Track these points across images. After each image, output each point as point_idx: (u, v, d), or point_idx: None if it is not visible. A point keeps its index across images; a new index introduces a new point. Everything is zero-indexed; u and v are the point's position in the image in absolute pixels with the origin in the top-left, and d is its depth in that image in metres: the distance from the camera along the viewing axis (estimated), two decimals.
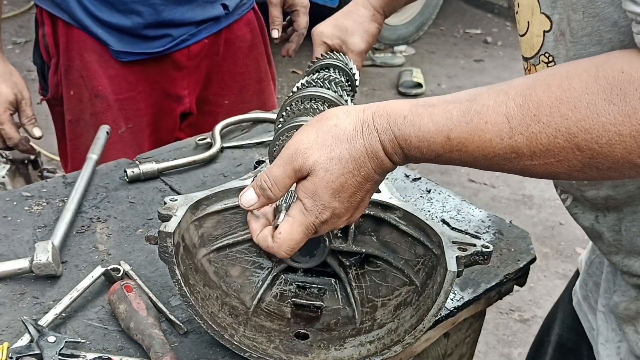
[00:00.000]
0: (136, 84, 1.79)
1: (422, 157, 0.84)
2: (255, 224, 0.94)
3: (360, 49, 1.40)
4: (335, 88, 1.18)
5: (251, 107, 1.97)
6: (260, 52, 2.02)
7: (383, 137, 0.83)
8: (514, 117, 0.76)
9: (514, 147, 0.76)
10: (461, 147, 0.80)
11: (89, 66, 1.73)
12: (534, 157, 0.76)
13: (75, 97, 1.77)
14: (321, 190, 0.85)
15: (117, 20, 1.69)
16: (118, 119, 1.79)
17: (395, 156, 0.84)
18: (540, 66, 0.99)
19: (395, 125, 0.82)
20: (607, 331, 1.22)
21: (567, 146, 0.74)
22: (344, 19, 1.42)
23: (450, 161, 0.83)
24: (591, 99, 0.72)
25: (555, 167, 0.77)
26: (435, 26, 6.53)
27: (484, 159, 0.80)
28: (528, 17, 0.98)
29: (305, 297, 1.15)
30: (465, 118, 0.79)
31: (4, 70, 1.65)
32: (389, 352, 1.05)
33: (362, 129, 0.84)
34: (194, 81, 1.89)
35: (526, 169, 0.79)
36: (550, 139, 0.74)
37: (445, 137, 0.80)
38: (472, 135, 0.78)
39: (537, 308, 3.18)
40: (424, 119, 0.81)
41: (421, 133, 0.81)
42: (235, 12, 1.89)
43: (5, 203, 1.43)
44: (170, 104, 1.87)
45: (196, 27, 1.79)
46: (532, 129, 0.75)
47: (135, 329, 1.07)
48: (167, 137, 1.92)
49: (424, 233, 1.06)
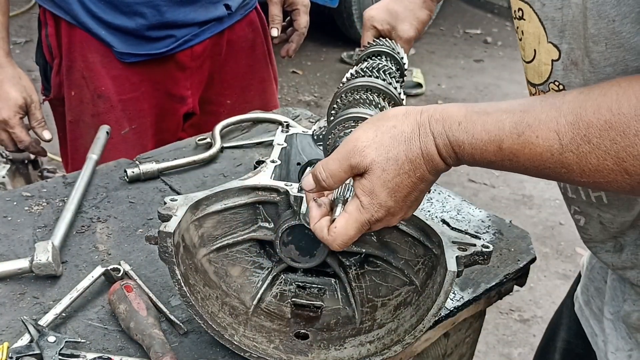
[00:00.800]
0: (139, 84, 1.79)
1: (475, 162, 0.85)
2: (315, 211, 0.96)
3: (410, 36, 1.38)
4: (385, 77, 1.17)
5: (253, 107, 1.97)
6: (262, 52, 2.03)
7: (438, 141, 0.85)
8: (564, 135, 0.76)
9: (564, 162, 0.77)
10: (512, 157, 0.81)
11: (91, 67, 1.74)
12: (583, 174, 0.77)
13: (76, 98, 1.77)
14: (378, 189, 0.87)
15: (120, 21, 1.69)
16: (121, 120, 1.79)
17: (449, 159, 0.86)
18: (549, 94, 0.98)
19: (450, 131, 0.84)
20: (617, 340, 1.22)
21: (616, 169, 0.74)
22: (395, 4, 1.39)
23: (502, 168, 0.84)
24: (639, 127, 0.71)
25: (605, 186, 0.78)
26: (435, 26, 6.53)
27: (535, 170, 0.81)
28: (534, 45, 0.97)
29: (305, 297, 1.15)
30: (517, 130, 0.79)
31: (12, 74, 1.66)
32: (389, 352, 1.05)
33: (419, 132, 0.85)
34: (197, 81, 1.89)
35: (578, 183, 0.81)
36: (600, 160, 0.74)
37: (497, 147, 0.81)
38: (523, 147, 0.79)
39: (537, 308, 3.18)
40: (477, 127, 0.82)
41: (474, 141, 0.82)
42: (237, 12, 1.90)
43: (5, 203, 1.43)
44: (173, 105, 1.87)
45: (199, 28, 1.79)
46: (582, 148, 0.75)
47: (135, 329, 1.07)
48: (170, 137, 1.92)
49: (424, 233, 1.06)
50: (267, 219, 1.13)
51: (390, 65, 1.26)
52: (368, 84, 1.14)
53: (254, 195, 1.11)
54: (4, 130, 1.67)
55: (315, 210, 0.96)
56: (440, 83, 5.58)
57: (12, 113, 1.63)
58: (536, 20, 0.93)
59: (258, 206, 1.13)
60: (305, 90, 5.20)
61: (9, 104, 1.63)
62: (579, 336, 1.39)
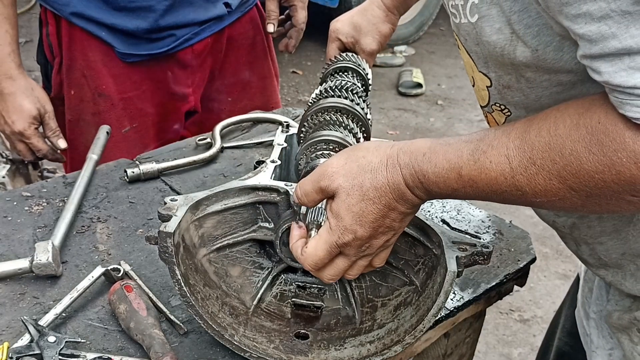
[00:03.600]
0: (141, 83, 1.79)
1: (441, 193, 0.89)
2: (295, 232, 1.01)
3: (372, 49, 1.42)
4: (351, 96, 1.22)
5: (254, 104, 1.97)
6: (262, 49, 2.03)
7: (404, 172, 0.89)
8: (513, 158, 0.80)
9: (517, 185, 0.81)
10: (472, 184, 0.85)
11: (92, 65, 1.74)
12: (536, 195, 0.80)
13: (76, 97, 1.78)
14: (343, 212, 0.91)
15: (120, 23, 1.69)
16: (122, 118, 1.79)
17: (416, 189, 0.89)
18: (495, 114, 1.03)
19: (416, 162, 0.88)
20: (599, 338, 1.24)
21: (562, 187, 0.78)
22: (359, 18, 1.43)
23: (467, 196, 0.88)
24: (574, 147, 0.75)
25: (560, 204, 0.81)
26: (435, 26, 6.53)
27: (495, 194, 0.85)
28: (471, 73, 1.02)
29: (305, 297, 1.15)
30: (474, 157, 0.84)
31: (25, 85, 1.67)
32: (389, 352, 1.05)
33: (387, 163, 0.90)
34: (199, 79, 1.89)
35: (536, 205, 0.84)
36: (547, 181, 0.78)
37: (457, 174, 0.85)
38: (480, 173, 0.83)
39: (537, 308, 3.18)
40: (439, 157, 0.87)
41: (437, 170, 0.87)
42: (238, 10, 1.90)
43: (5, 203, 1.43)
44: (175, 103, 1.88)
45: (199, 27, 1.80)
46: (529, 170, 0.79)
47: (136, 329, 1.07)
48: (173, 135, 1.92)
49: (424, 233, 1.06)
50: (267, 219, 1.13)
51: (356, 82, 1.31)
52: (336, 104, 1.19)
53: (254, 196, 1.11)
54: (21, 141, 1.70)
55: (296, 231, 1.01)
56: (440, 83, 5.58)
57: (26, 124, 1.66)
58: (465, 52, 0.97)
59: (258, 206, 1.13)
60: (305, 90, 5.20)
61: (23, 115, 1.65)
62: (570, 335, 1.40)
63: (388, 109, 5.01)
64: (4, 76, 1.63)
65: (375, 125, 4.60)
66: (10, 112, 1.65)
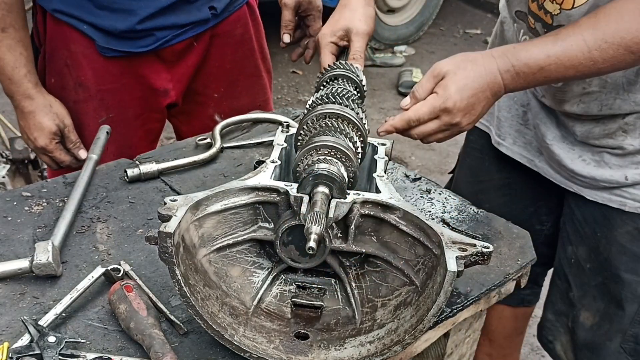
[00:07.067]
0: (120, 77, 1.80)
1: (529, 72, 1.25)
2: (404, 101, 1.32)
3: (364, 30, 1.46)
4: (346, 102, 1.25)
5: (241, 102, 1.97)
6: (251, 47, 2.00)
7: (499, 61, 1.27)
8: (589, 40, 1.22)
9: (591, 58, 1.23)
10: (557, 61, 1.24)
11: (74, 56, 1.76)
12: (604, 62, 1.24)
13: (57, 85, 1.80)
14: (450, 83, 1.25)
15: (99, 22, 1.70)
16: (98, 109, 1.81)
17: (506, 74, 1.26)
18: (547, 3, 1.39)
19: (508, 51, 1.28)
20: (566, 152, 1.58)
21: (625, 53, 1.23)
22: (339, 13, 1.48)
23: (549, 73, 1.26)
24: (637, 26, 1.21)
25: (618, 66, 1.27)
26: (435, 26, 6.53)
27: (572, 68, 1.24)
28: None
29: (305, 297, 1.15)
30: (556, 43, 1.25)
31: (44, 103, 1.72)
32: (389, 352, 1.05)
33: (484, 55, 1.28)
34: (179, 75, 1.88)
35: (599, 71, 1.27)
36: (615, 51, 1.22)
37: (546, 55, 1.25)
38: (563, 51, 1.24)
39: (537, 308, 3.18)
40: (527, 45, 1.28)
41: (528, 54, 1.26)
42: (225, 11, 1.88)
43: (5, 203, 1.43)
44: (156, 97, 1.87)
45: (181, 29, 1.79)
46: (602, 46, 1.22)
47: (136, 329, 1.07)
48: (158, 125, 1.95)
49: (424, 233, 1.06)
50: (267, 219, 1.14)
51: (350, 88, 1.34)
52: (332, 111, 1.23)
53: (254, 196, 1.11)
54: (45, 155, 1.78)
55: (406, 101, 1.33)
56: None
57: (47, 140, 1.73)
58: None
59: (258, 206, 1.13)
60: (305, 90, 5.20)
61: (44, 132, 1.73)
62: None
63: (388, 109, 5.01)
64: (23, 96, 1.71)
65: (375, 126, 4.60)
66: (32, 130, 1.73)
